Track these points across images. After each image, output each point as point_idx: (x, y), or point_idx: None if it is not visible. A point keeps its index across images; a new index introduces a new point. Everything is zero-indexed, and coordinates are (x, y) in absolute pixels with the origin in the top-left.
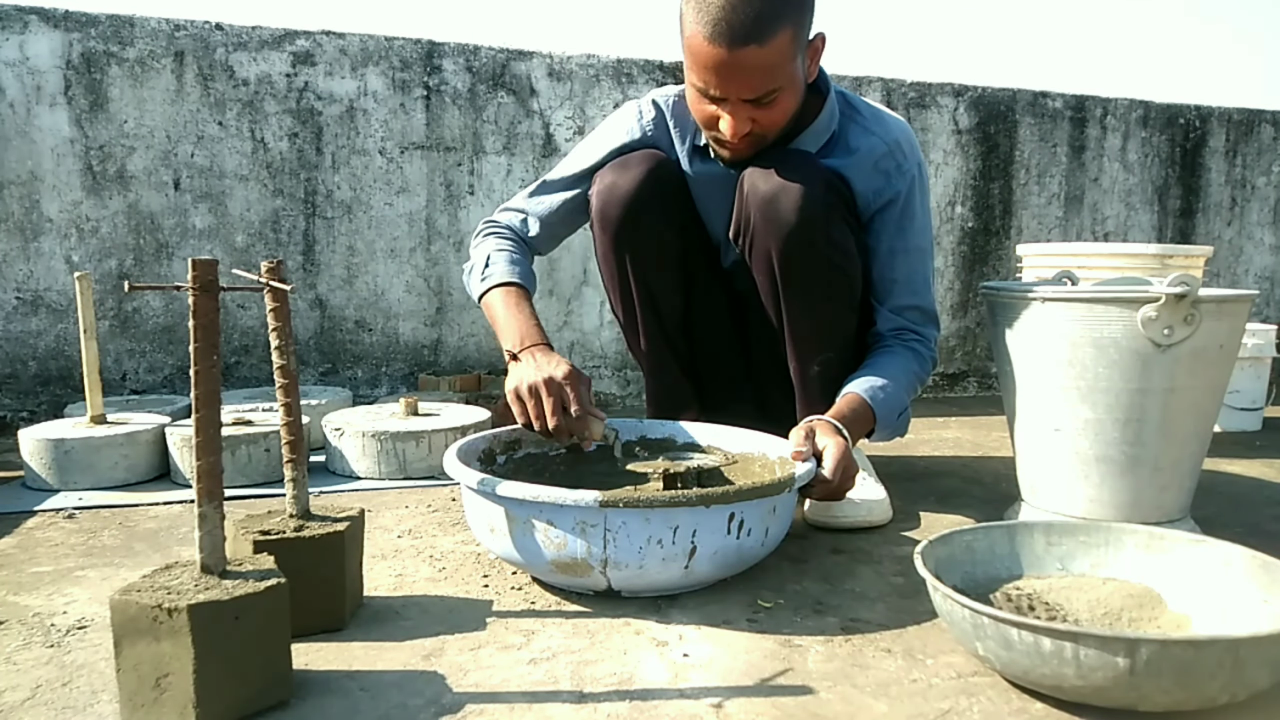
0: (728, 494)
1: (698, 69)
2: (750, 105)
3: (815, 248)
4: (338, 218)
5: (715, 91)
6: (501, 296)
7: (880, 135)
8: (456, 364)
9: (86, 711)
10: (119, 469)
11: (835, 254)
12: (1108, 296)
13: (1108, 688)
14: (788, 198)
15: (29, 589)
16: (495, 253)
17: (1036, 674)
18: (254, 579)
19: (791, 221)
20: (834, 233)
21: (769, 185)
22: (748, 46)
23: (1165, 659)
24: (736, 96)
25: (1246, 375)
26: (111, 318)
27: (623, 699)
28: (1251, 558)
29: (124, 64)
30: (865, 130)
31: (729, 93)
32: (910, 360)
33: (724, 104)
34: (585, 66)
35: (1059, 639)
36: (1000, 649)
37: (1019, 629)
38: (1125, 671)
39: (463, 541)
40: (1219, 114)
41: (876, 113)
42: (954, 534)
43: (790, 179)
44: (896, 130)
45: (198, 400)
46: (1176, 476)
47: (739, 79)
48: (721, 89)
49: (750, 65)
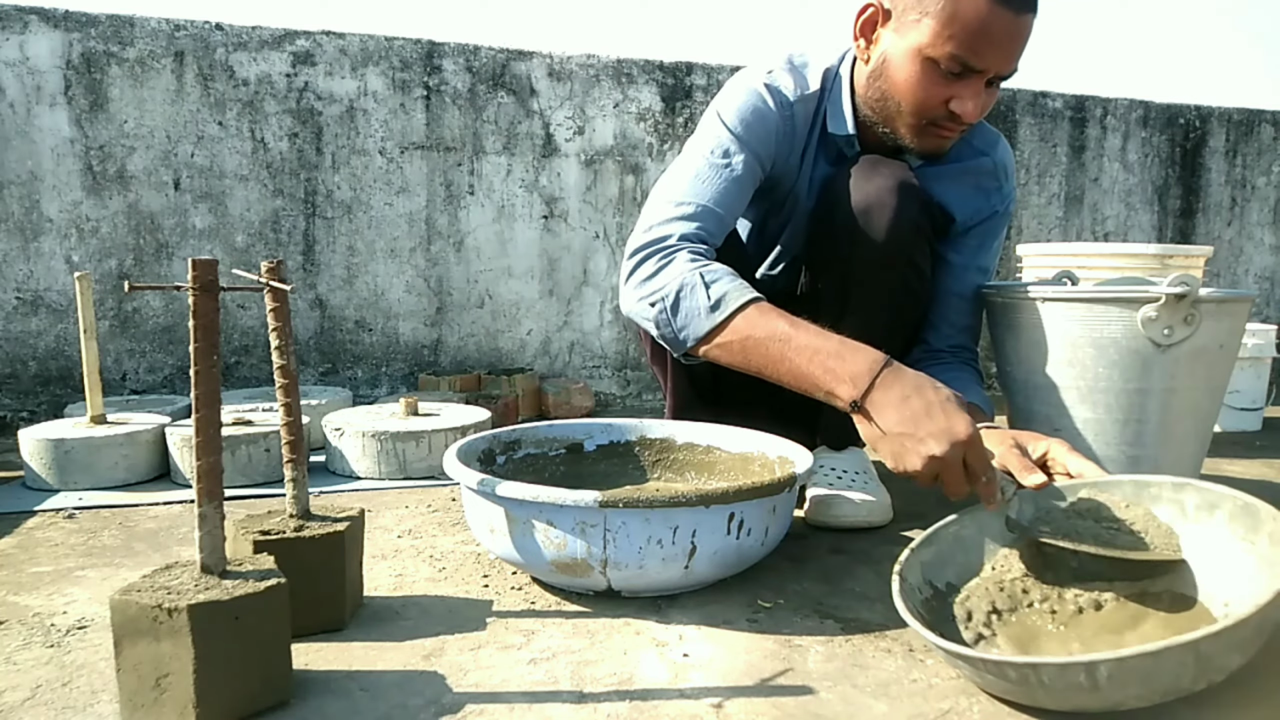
0: (728, 494)
1: (967, 35)
2: (988, 85)
3: (895, 270)
4: (338, 218)
5: (980, 62)
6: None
7: (990, 155)
8: (456, 364)
9: (86, 711)
10: (119, 469)
11: (913, 278)
12: (1108, 296)
13: (1080, 701)
14: (880, 214)
15: (29, 589)
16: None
17: (1014, 694)
18: (254, 579)
19: (879, 239)
20: (917, 256)
21: (862, 196)
22: (1028, 14)
23: (1125, 672)
24: (999, 69)
25: (1246, 375)
26: (111, 318)
27: (623, 699)
28: (1234, 498)
29: (124, 64)
30: (974, 146)
31: (996, 64)
32: (975, 379)
33: (972, 80)
34: (585, 66)
35: (1020, 669)
36: (975, 676)
37: (983, 664)
38: (1090, 688)
39: (463, 541)
40: (1219, 114)
41: (989, 131)
42: (938, 530)
43: (883, 194)
44: (1004, 153)
45: (198, 400)
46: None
47: (1012, 47)
48: (993, 59)
49: (1025, 33)
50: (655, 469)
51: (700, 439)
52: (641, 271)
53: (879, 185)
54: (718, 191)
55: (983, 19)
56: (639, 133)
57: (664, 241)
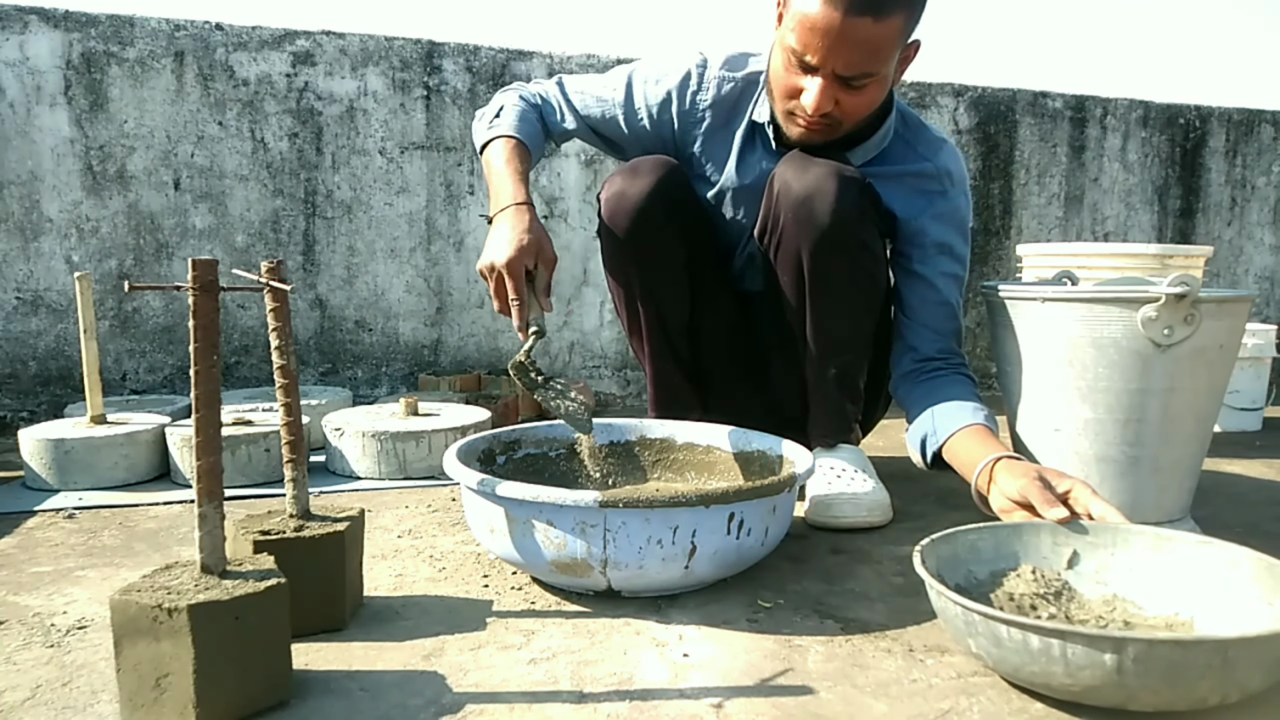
0: (728, 494)
1: (802, 31)
2: (840, 85)
3: (847, 251)
4: (338, 218)
5: (813, 59)
6: (502, 148)
7: (932, 160)
8: (456, 364)
9: (86, 711)
10: (119, 469)
11: (866, 257)
12: (1108, 296)
13: (1096, 686)
14: (822, 199)
15: (29, 589)
16: (509, 107)
17: (1026, 671)
18: (254, 579)
19: (824, 224)
20: (865, 237)
21: (802, 185)
22: (864, 17)
23: (1152, 658)
24: (833, 69)
25: (1246, 375)
26: (111, 318)
27: (623, 699)
28: (1257, 560)
29: (124, 64)
30: (916, 151)
31: (828, 62)
32: (973, 387)
33: (815, 75)
34: (585, 66)
35: (1046, 636)
36: (991, 646)
37: (1007, 625)
38: (1113, 670)
39: (463, 541)
40: (1219, 114)
41: (932, 138)
42: (958, 532)
43: (824, 181)
44: (949, 159)
45: (198, 400)
46: (1176, 476)
47: (844, 49)
48: (823, 57)
49: (859, 37)
50: (655, 469)
51: (700, 439)
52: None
53: (816, 174)
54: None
55: (813, 17)
56: None
57: (517, 86)
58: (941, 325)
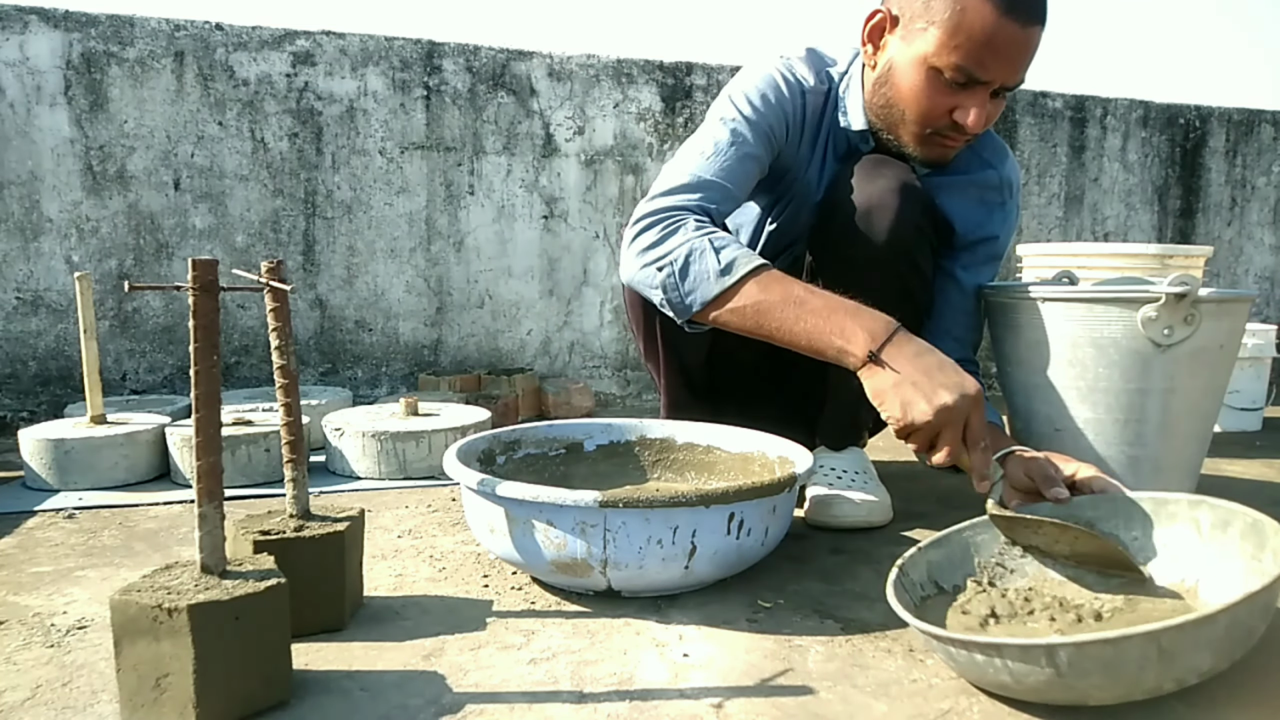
0: (728, 494)
1: (972, 46)
2: (993, 96)
3: (897, 270)
4: (338, 218)
5: (985, 74)
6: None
7: (998, 169)
8: (456, 364)
9: (86, 711)
10: (119, 469)
11: (915, 280)
12: (1108, 296)
13: (1044, 689)
14: (882, 214)
15: (29, 589)
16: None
17: (987, 681)
18: (254, 579)
19: (881, 240)
20: (919, 259)
21: (864, 196)
22: (1036, 26)
23: (1085, 659)
24: (1004, 80)
25: (1246, 375)
26: (111, 318)
27: (623, 699)
28: (1244, 516)
29: (124, 64)
30: (982, 158)
31: (1001, 75)
32: None
33: (977, 91)
34: (585, 66)
35: (985, 652)
36: (950, 661)
37: (951, 645)
38: (1053, 675)
39: (463, 541)
40: (1219, 114)
41: (998, 145)
42: (951, 533)
43: (887, 195)
44: (1012, 169)
45: (198, 400)
46: (1176, 476)
47: (1019, 59)
48: (998, 70)
49: (1032, 45)
50: (655, 469)
51: (700, 439)
52: (645, 238)
53: (882, 186)
54: (725, 168)
55: (989, 30)
56: (639, 133)
57: (669, 211)
58: (964, 334)
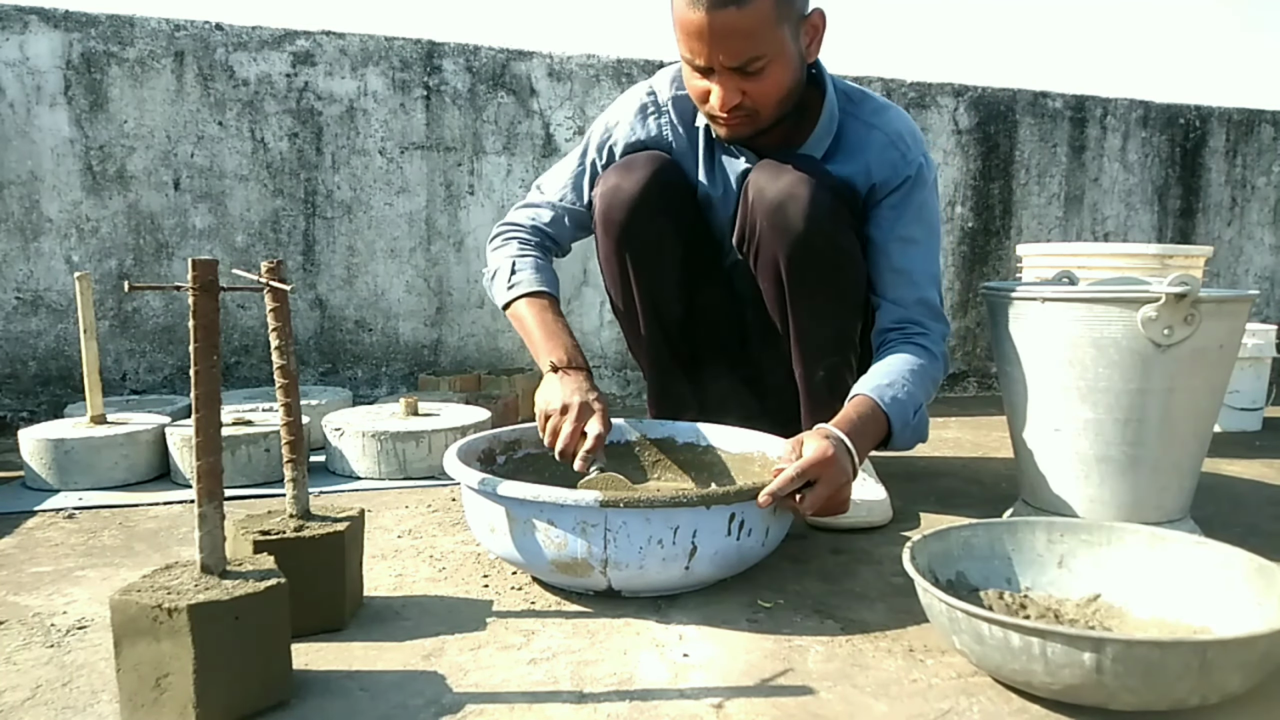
0: (728, 494)
1: (683, 37)
2: (738, 75)
3: (823, 255)
4: (338, 218)
5: (700, 60)
6: (532, 307)
7: (881, 128)
8: (456, 364)
9: (86, 711)
10: (119, 469)
11: (843, 259)
12: (1108, 296)
13: (1075, 685)
14: (795, 204)
15: (29, 589)
16: (519, 259)
17: (1008, 669)
18: (254, 579)
19: (799, 229)
20: (841, 239)
21: (775, 191)
22: (727, 9)
23: (1131, 659)
24: (721, 64)
25: (1246, 375)
26: (111, 318)
27: (623, 699)
28: (1249, 560)
29: (124, 64)
30: (866, 125)
31: (713, 60)
32: (919, 355)
33: (712, 75)
34: (585, 66)
35: (1026, 635)
36: (974, 643)
37: (989, 624)
38: (1092, 670)
39: (463, 541)
40: (1219, 114)
41: (876, 105)
42: (951, 530)
43: (797, 185)
44: (898, 122)
45: (198, 400)
46: (1176, 476)
47: (720, 43)
48: (705, 56)
49: (730, 28)
50: (655, 469)
51: (700, 439)
52: (491, 245)
53: (790, 180)
54: (569, 187)
55: (683, 21)
56: None
57: (510, 226)
58: (898, 294)
